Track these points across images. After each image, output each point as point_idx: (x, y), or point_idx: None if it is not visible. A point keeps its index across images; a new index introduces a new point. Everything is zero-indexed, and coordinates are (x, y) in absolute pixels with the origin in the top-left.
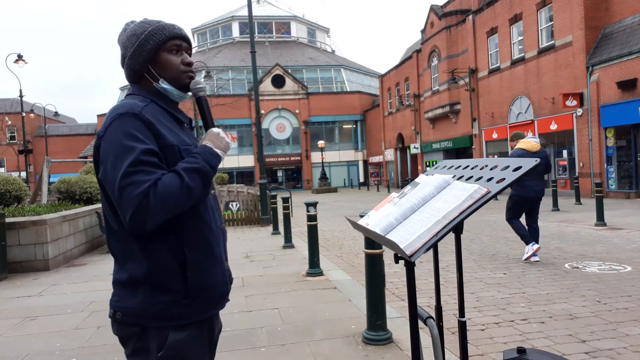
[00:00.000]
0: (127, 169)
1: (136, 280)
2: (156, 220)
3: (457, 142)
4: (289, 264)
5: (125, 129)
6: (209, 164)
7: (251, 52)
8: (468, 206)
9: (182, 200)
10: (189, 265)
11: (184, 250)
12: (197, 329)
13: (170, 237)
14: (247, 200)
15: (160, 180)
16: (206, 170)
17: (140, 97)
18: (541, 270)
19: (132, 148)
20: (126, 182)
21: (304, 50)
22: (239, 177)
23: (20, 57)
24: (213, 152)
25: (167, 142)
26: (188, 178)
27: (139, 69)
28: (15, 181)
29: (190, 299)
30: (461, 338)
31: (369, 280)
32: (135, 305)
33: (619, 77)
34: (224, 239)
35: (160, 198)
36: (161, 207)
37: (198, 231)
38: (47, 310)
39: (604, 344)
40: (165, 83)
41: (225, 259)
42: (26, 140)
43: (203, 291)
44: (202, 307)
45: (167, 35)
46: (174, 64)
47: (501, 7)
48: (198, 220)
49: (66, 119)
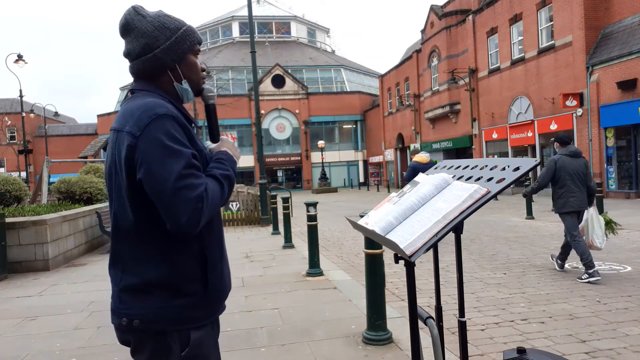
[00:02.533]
0: (182, 171)
1: (151, 284)
2: (204, 223)
3: (457, 142)
4: (289, 264)
5: (168, 130)
6: (234, 171)
7: (251, 52)
8: (468, 206)
9: (221, 204)
10: (210, 268)
11: (205, 253)
12: (210, 327)
13: (194, 241)
14: (247, 200)
15: (207, 184)
16: (233, 177)
17: (156, 95)
18: (541, 270)
19: (181, 151)
20: (182, 184)
21: (304, 50)
22: (239, 177)
23: (20, 57)
24: (234, 160)
25: (198, 147)
26: (225, 184)
27: (170, 65)
28: (15, 181)
29: (208, 301)
30: (461, 338)
31: (369, 280)
32: (150, 311)
33: (619, 77)
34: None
35: (210, 202)
36: (210, 210)
37: (214, 234)
38: (47, 310)
39: (604, 344)
40: (187, 84)
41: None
42: (26, 140)
43: (218, 293)
44: (215, 308)
45: (197, 39)
46: (197, 69)
47: (501, 7)
48: (213, 224)
49: (66, 119)
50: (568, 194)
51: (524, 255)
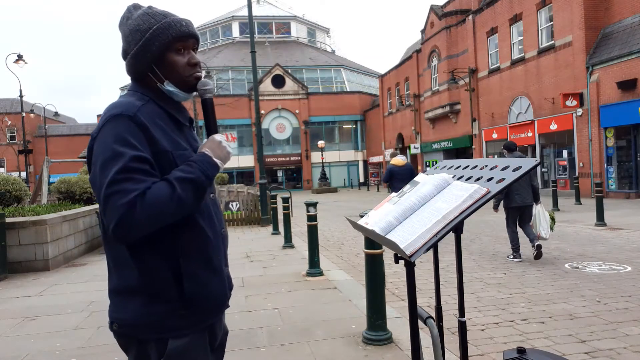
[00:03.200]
0: (115, 175)
1: (131, 289)
2: (142, 231)
3: (457, 142)
4: (289, 264)
5: (118, 132)
6: (205, 174)
7: (251, 52)
8: (468, 206)
9: (172, 211)
10: (185, 275)
11: (179, 260)
12: (198, 334)
13: (165, 246)
14: (247, 200)
15: (149, 189)
16: (201, 181)
17: (139, 94)
18: (541, 270)
19: (122, 154)
20: (112, 190)
21: (304, 50)
22: (239, 177)
23: (20, 57)
24: (212, 161)
25: (161, 148)
26: (180, 188)
27: (143, 70)
28: (15, 181)
29: (187, 310)
30: (461, 338)
31: (369, 280)
32: (131, 316)
33: (619, 77)
34: (224, 244)
35: (147, 209)
36: (148, 218)
37: (194, 240)
38: (47, 310)
39: (604, 344)
40: (171, 85)
41: (225, 266)
42: (26, 140)
43: (200, 302)
44: (199, 318)
45: (174, 35)
46: (180, 66)
47: (501, 7)
48: (194, 228)
49: (66, 119)
50: (513, 193)
51: (524, 255)
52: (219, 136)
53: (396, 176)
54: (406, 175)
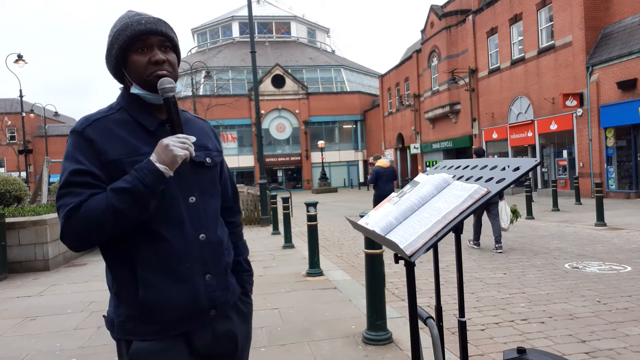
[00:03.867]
0: (60, 190)
1: (110, 288)
2: (83, 241)
3: (457, 142)
4: (289, 264)
5: (68, 148)
6: (143, 182)
7: (251, 52)
8: (468, 206)
9: (108, 222)
10: (140, 283)
11: (136, 268)
12: (167, 341)
13: (125, 253)
14: (247, 200)
15: (86, 202)
16: (137, 190)
17: (115, 102)
18: (541, 270)
19: (66, 169)
20: (58, 204)
21: (304, 50)
22: (239, 177)
23: (20, 57)
24: (152, 168)
25: (110, 158)
26: (114, 199)
27: (114, 74)
28: (15, 181)
29: (150, 316)
30: (461, 338)
31: (369, 280)
32: (109, 313)
33: (619, 77)
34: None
35: (80, 221)
36: (83, 229)
37: (153, 248)
38: (47, 310)
39: (604, 344)
40: (137, 87)
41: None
42: (26, 140)
43: (157, 311)
44: (161, 327)
45: (129, 35)
46: (139, 65)
47: (501, 7)
48: (154, 236)
49: (66, 119)
50: None
51: (524, 255)
52: (168, 139)
53: (381, 177)
54: (390, 176)
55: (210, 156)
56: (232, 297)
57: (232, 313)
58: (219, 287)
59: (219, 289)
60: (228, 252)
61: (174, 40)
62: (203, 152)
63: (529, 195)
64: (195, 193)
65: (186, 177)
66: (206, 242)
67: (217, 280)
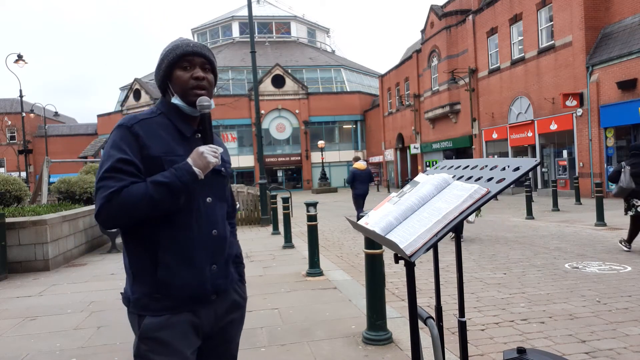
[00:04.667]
0: (104, 173)
1: (127, 268)
2: (117, 221)
3: (457, 142)
4: (289, 264)
5: (115, 139)
6: (181, 180)
7: (251, 52)
8: (468, 206)
9: (143, 208)
10: (160, 264)
11: (157, 251)
12: (175, 318)
13: (147, 238)
14: (247, 200)
15: (127, 187)
16: (175, 185)
17: (155, 107)
18: (541, 270)
19: (112, 156)
20: (99, 184)
21: (304, 50)
22: (239, 177)
23: (20, 57)
24: (190, 169)
25: (151, 154)
26: (153, 190)
27: (160, 85)
28: (15, 181)
29: (160, 294)
30: (461, 338)
31: (369, 280)
32: (126, 291)
33: (619, 77)
34: (216, 245)
35: (119, 204)
36: (120, 211)
37: (173, 236)
38: (47, 310)
39: (604, 344)
40: (177, 99)
41: (213, 264)
42: (26, 140)
43: (171, 290)
44: (173, 304)
45: (178, 54)
46: (183, 80)
47: (501, 7)
48: (175, 226)
49: (66, 119)
50: None
51: (524, 255)
52: (204, 147)
53: (358, 178)
54: (366, 178)
55: (225, 167)
56: (231, 285)
57: (231, 294)
58: (221, 275)
59: (221, 277)
60: (230, 247)
61: (213, 64)
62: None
63: (529, 195)
64: (212, 195)
65: (206, 181)
66: (216, 237)
67: (220, 270)
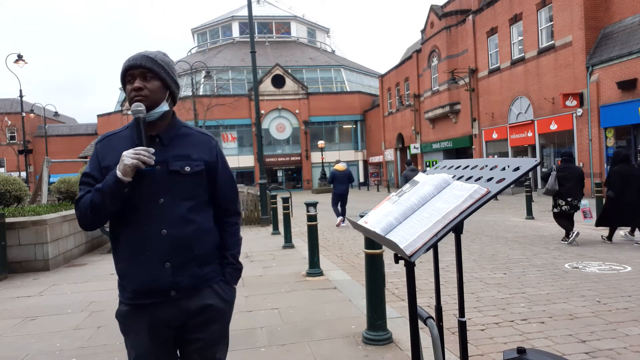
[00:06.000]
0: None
1: None
2: (85, 221)
3: (457, 142)
4: (289, 264)
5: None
6: (107, 184)
7: (251, 52)
8: (468, 206)
9: (90, 211)
10: (118, 258)
11: (117, 246)
12: (135, 310)
13: (113, 234)
14: (247, 200)
15: (84, 195)
16: (105, 189)
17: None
18: (541, 270)
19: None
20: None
21: (304, 50)
22: (239, 177)
23: (20, 57)
24: (114, 174)
25: (104, 165)
26: (93, 196)
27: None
28: (15, 181)
29: (122, 284)
30: (461, 338)
31: (369, 280)
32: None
33: (619, 77)
34: (165, 243)
35: (79, 208)
36: (81, 214)
37: (126, 233)
38: (47, 310)
39: (604, 344)
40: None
41: (165, 261)
42: (26, 140)
43: (124, 281)
44: (131, 295)
45: (122, 71)
46: (127, 93)
47: (501, 7)
48: (127, 224)
49: (66, 119)
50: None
51: (524, 255)
52: (126, 151)
53: (336, 178)
54: (344, 178)
55: (190, 165)
56: (203, 283)
57: (207, 293)
58: (182, 274)
59: (180, 275)
60: (201, 246)
61: (154, 70)
62: (183, 161)
63: (529, 195)
64: (166, 195)
65: (159, 182)
66: (167, 236)
67: (177, 268)
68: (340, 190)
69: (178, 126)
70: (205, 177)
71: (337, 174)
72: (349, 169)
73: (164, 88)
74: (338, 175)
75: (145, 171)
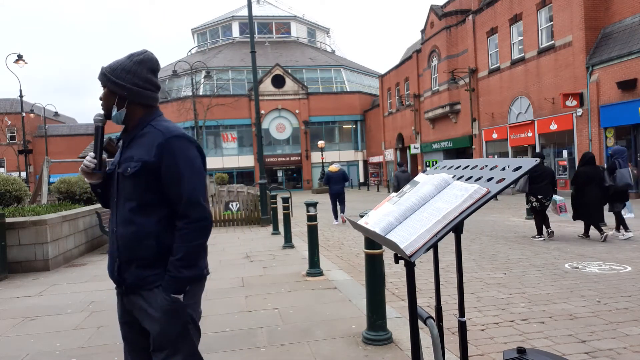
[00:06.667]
0: None
1: None
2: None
3: (457, 142)
4: (289, 264)
5: None
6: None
7: (251, 52)
8: (468, 206)
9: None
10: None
11: None
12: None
13: None
14: (247, 200)
15: None
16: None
17: None
18: (541, 270)
19: None
20: None
21: (304, 50)
22: (239, 177)
23: (20, 57)
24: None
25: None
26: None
27: None
28: (15, 181)
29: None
30: (461, 338)
31: (369, 280)
32: None
33: (619, 77)
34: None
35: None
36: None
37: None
38: (47, 310)
39: (604, 344)
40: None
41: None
42: (26, 140)
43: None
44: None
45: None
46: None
47: (501, 7)
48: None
49: (66, 119)
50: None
51: (524, 255)
52: (87, 157)
53: (331, 179)
54: (338, 179)
55: (130, 166)
56: (145, 285)
57: (146, 295)
58: (126, 272)
59: (125, 273)
60: (141, 248)
61: (102, 81)
62: (127, 163)
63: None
64: (119, 197)
65: (115, 184)
66: (117, 235)
67: (124, 266)
68: (335, 190)
69: (142, 126)
70: (143, 178)
71: (332, 175)
72: (343, 169)
73: (110, 94)
74: (332, 176)
75: (109, 173)
